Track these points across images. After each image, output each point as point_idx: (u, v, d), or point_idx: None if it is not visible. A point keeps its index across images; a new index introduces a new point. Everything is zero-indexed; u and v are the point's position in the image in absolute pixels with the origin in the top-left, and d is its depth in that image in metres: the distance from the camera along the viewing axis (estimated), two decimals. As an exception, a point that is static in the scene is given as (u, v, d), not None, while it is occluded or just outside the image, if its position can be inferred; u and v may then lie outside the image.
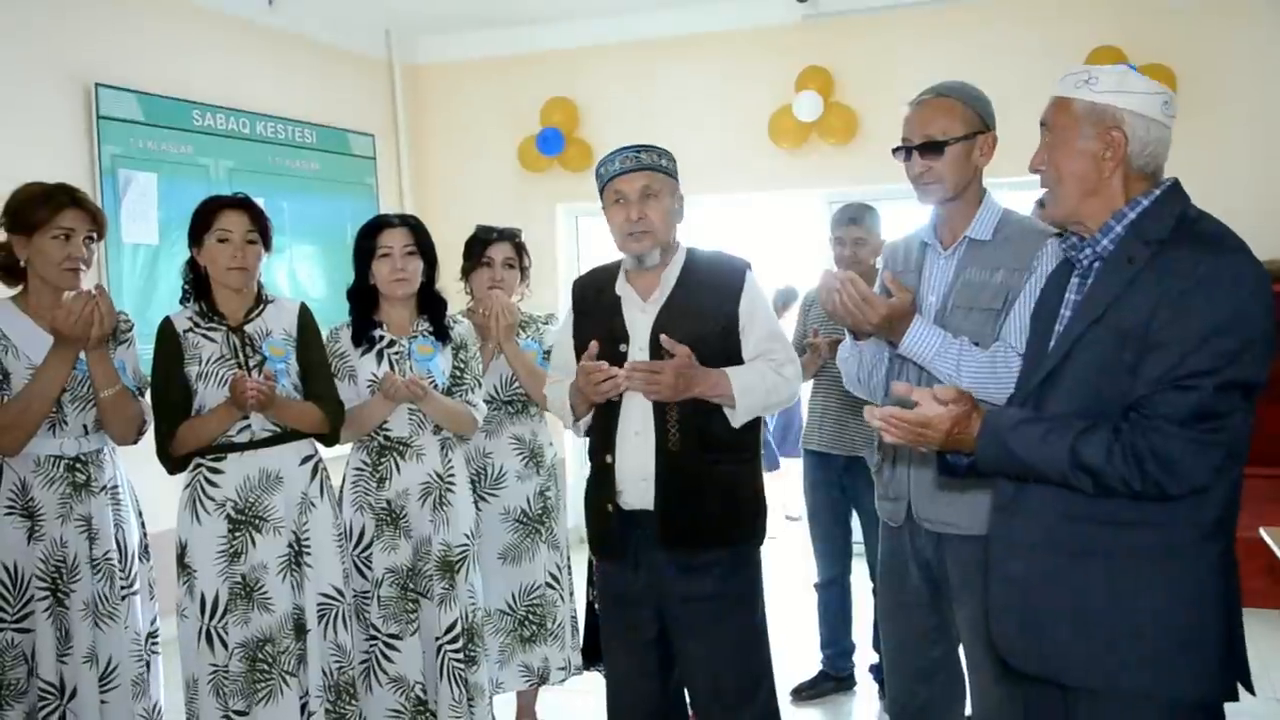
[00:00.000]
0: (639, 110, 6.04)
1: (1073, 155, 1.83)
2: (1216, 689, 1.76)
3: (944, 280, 2.45)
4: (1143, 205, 1.81)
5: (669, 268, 2.61)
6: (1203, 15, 5.13)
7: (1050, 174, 1.87)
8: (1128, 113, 1.80)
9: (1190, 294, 1.67)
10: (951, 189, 2.39)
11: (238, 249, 2.82)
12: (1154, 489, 1.68)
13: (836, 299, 2.32)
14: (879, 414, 1.85)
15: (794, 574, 4.88)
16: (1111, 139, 1.80)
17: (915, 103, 2.44)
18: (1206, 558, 1.74)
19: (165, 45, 5.01)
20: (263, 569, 2.82)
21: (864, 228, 3.78)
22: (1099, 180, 1.82)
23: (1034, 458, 1.75)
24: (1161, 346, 1.68)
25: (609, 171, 2.60)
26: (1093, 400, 1.77)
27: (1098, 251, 1.83)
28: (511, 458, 3.43)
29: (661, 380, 2.44)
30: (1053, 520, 1.81)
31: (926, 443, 1.85)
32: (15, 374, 2.68)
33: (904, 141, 2.43)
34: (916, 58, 5.45)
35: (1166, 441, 1.66)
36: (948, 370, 2.31)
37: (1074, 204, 1.85)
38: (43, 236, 2.69)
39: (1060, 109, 1.86)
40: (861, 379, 2.58)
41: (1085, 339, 1.78)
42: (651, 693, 2.65)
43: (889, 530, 2.58)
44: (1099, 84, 1.82)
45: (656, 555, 2.55)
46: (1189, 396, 1.66)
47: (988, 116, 2.41)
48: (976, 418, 1.82)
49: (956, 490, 2.36)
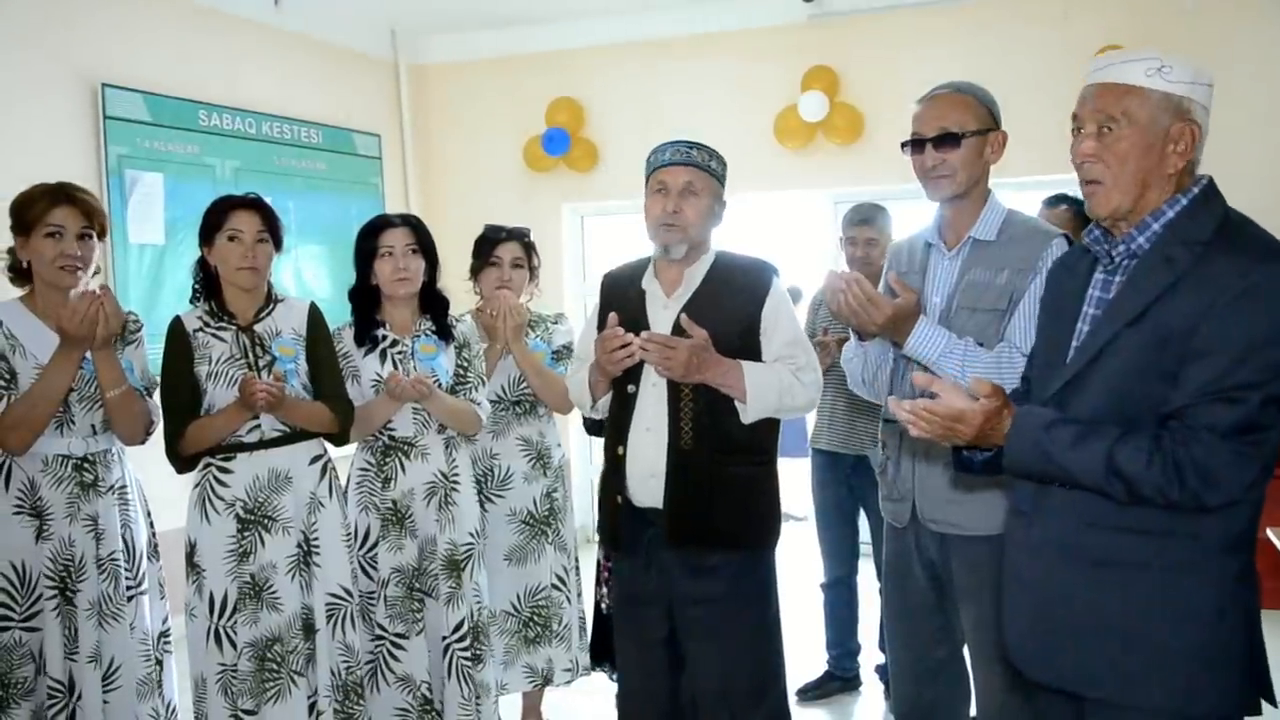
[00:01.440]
0: (644, 110, 6.03)
1: (1143, 148, 1.73)
2: (1239, 704, 1.73)
3: (948, 280, 2.44)
4: (1182, 204, 1.75)
5: (696, 265, 2.62)
6: (1211, 14, 5.11)
7: (1108, 167, 1.76)
8: (1199, 105, 1.74)
9: (1240, 302, 1.61)
10: (963, 183, 2.38)
11: (249, 249, 2.82)
12: (1191, 500, 1.63)
13: (842, 299, 2.31)
14: (908, 406, 1.78)
15: (800, 574, 4.88)
16: (1185, 132, 1.72)
17: (927, 98, 2.43)
18: (1229, 571, 1.71)
19: (172, 46, 5.01)
20: (272, 568, 2.82)
21: (876, 228, 3.78)
22: (1162, 175, 1.74)
23: (1068, 461, 1.69)
24: (1207, 355, 1.62)
25: (658, 160, 2.62)
26: (1122, 405, 1.71)
27: (1131, 249, 1.77)
28: (519, 459, 3.42)
29: (676, 356, 2.44)
30: (1074, 527, 1.76)
31: (956, 437, 1.78)
32: (23, 374, 2.68)
33: (915, 135, 2.41)
34: (922, 58, 5.44)
35: (1209, 453, 1.61)
36: (953, 370, 2.30)
37: (1133, 199, 1.75)
38: (36, 236, 2.70)
39: (1129, 97, 1.73)
40: (866, 380, 2.58)
41: (1118, 341, 1.72)
42: (662, 693, 2.65)
43: (893, 531, 2.57)
44: (1173, 73, 1.72)
45: (667, 555, 2.55)
46: (1235, 409, 1.61)
47: (998, 116, 2.42)
48: (1008, 415, 1.75)
49: (963, 490, 2.35)
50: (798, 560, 5.10)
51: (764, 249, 2.90)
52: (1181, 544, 1.69)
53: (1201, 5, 5.11)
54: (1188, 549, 1.69)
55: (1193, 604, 1.69)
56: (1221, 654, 1.70)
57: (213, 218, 2.84)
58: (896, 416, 1.83)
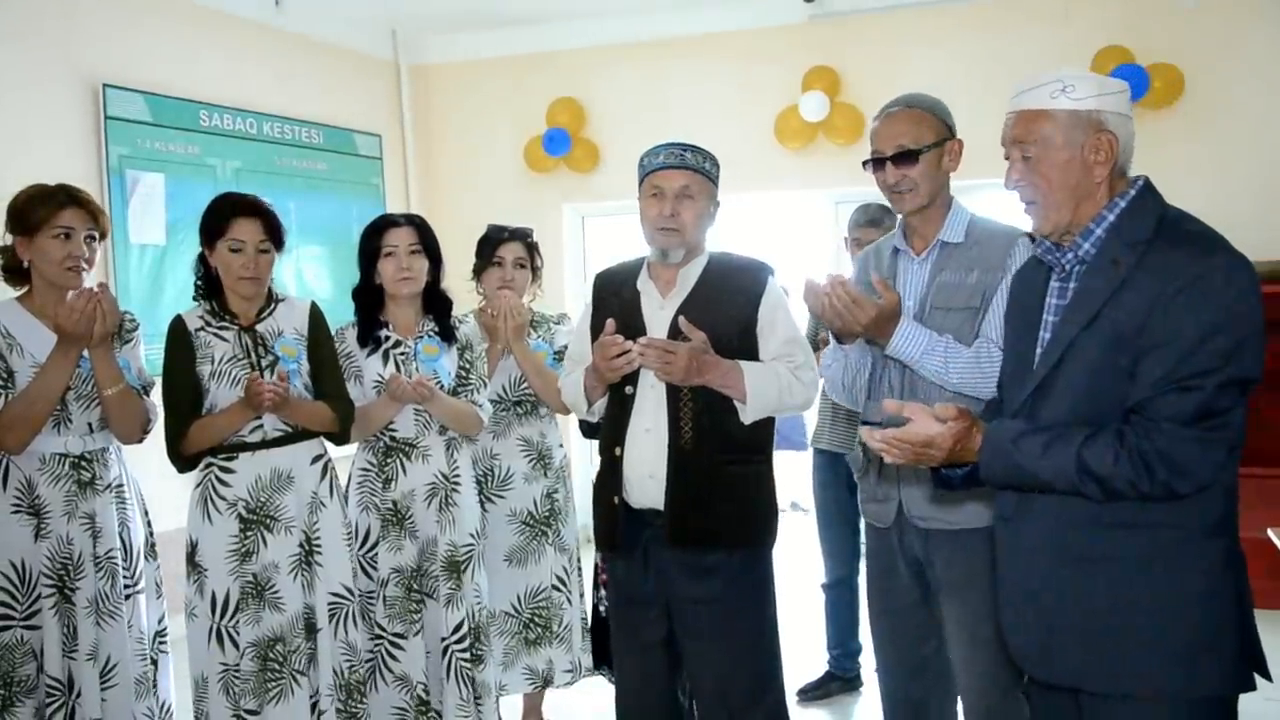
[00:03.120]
0: (645, 110, 6.04)
1: (1062, 166, 1.82)
2: (1235, 682, 1.77)
3: (919, 283, 2.49)
4: (1120, 207, 1.82)
5: (690, 266, 2.62)
6: (1211, 14, 5.11)
7: (1038, 188, 1.85)
8: (1110, 114, 1.81)
9: (1185, 294, 1.68)
10: (926, 195, 2.44)
11: (250, 259, 2.82)
12: (1162, 490, 1.69)
13: (825, 303, 2.34)
14: (879, 436, 1.85)
15: (801, 573, 4.88)
16: (1102, 142, 1.80)
17: (883, 115, 2.50)
18: (1214, 553, 1.75)
19: (173, 46, 5.02)
20: (274, 568, 2.82)
21: (883, 229, 3.77)
22: (1091, 186, 1.83)
23: (1040, 469, 1.76)
24: (1160, 348, 1.69)
25: (652, 164, 2.60)
26: (1089, 406, 1.77)
27: (1079, 256, 1.84)
28: (519, 459, 3.42)
29: (675, 360, 2.44)
30: (1058, 528, 1.82)
31: (928, 461, 1.85)
32: (20, 373, 2.69)
33: (875, 153, 2.47)
34: (923, 58, 5.44)
35: (1172, 443, 1.67)
36: (935, 367, 2.35)
37: (1069, 214, 1.84)
38: (43, 236, 2.70)
39: (1039, 121, 1.83)
40: (846, 384, 2.60)
41: (1077, 345, 1.79)
42: (660, 694, 2.65)
43: (875, 531, 2.59)
44: (1077, 90, 1.81)
45: (665, 556, 2.55)
46: (1192, 397, 1.67)
47: (951, 124, 2.48)
48: (977, 432, 1.82)
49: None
50: (798, 560, 5.10)
51: (764, 249, 2.91)
52: (1164, 534, 1.74)
53: (1201, 5, 5.11)
54: (1171, 538, 1.74)
55: (1183, 590, 1.74)
56: (1215, 636, 1.74)
57: (215, 223, 2.83)
58: (869, 446, 1.89)
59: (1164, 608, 1.74)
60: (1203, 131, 5.10)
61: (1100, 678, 1.79)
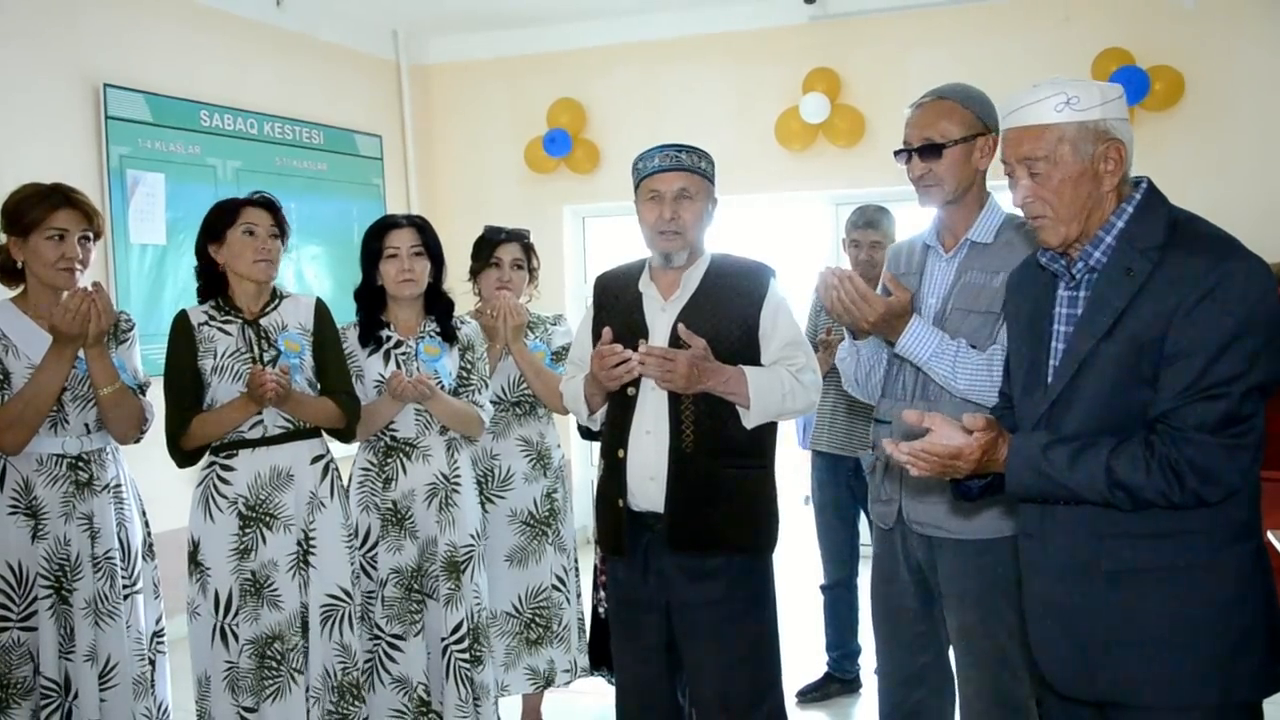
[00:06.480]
0: (646, 111, 6.04)
1: (1074, 180, 1.78)
2: (1268, 683, 1.76)
3: (945, 282, 2.44)
4: (1128, 212, 1.79)
5: (693, 268, 2.60)
6: (1211, 18, 5.10)
7: (1049, 203, 1.80)
8: (1114, 121, 1.78)
9: (1206, 302, 1.66)
10: (951, 192, 2.38)
11: (263, 242, 2.84)
12: (1193, 499, 1.67)
13: (834, 295, 2.33)
14: (905, 448, 1.79)
15: (800, 575, 4.88)
16: (1112, 151, 1.78)
17: (915, 105, 2.43)
18: (1243, 556, 1.74)
19: (173, 46, 5.02)
20: (273, 566, 2.82)
21: (880, 231, 3.78)
22: (1101, 194, 1.79)
23: (1069, 480, 1.73)
24: (1183, 356, 1.67)
25: (647, 167, 2.58)
26: (1110, 416, 1.75)
27: (1090, 264, 1.81)
28: (519, 459, 3.42)
29: (676, 369, 2.42)
30: (1084, 541, 1.79)
31: (955, 473, 1.81)
32: (16, 374, 2.69)
33: (905, 144, 2.42)
34: (924, 60, 5.44)
35: (1201, 451, 1.66)
36: (944, 371, 2.31)
37: (1080, 227, 1.80)
38: (37, 237, 2.69)
39: (1048, 136, 1.78)
40: (859, 379, 2.58)
41: (1095, 356, 1.76)
42: (660, 698, 2.64)
43: (880, 532, 2.57)
44: (1081, 101, 1.76)
45: (665, 559, 2.54)
46: (1218, 405, 1.66)
47: (988, 119, 2.38)
48: (1003, 443, 1.79)
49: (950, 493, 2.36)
50: (798, 561, 5.10)
51: (764, 251, 2.89)
52: (1192, 541, 1.72)
53: (1201, 7, 5.11)
54: (1199, 545, 1.72)
55: (1214, 597, 1.72)
56: (1248, 639, 1.73)
57: (225, 215, 2.85)
58: (894, 460, 1.83)
59: (1197, 615, 1.72)
60: (1203, 133, 5.09)
61: (1138, 693, 1.75)
